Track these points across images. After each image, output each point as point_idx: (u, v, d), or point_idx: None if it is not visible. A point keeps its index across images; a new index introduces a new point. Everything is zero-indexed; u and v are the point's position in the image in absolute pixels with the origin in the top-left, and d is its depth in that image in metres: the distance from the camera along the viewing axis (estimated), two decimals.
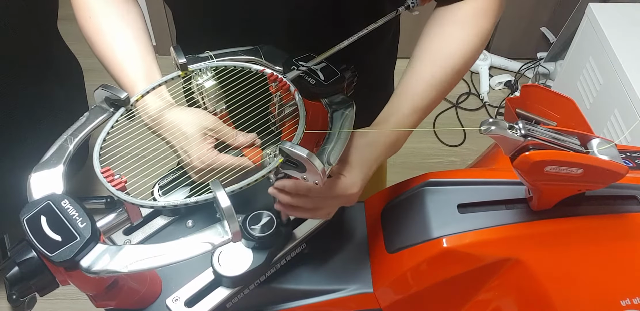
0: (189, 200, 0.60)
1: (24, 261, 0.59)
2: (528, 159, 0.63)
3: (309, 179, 0.62)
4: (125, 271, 0.57)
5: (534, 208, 0.75)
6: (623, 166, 0.66)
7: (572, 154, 0.64)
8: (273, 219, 0.73)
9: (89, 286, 0.66)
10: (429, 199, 0.78)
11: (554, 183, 0.68)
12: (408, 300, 0.78)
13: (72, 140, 0.67)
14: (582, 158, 0.64)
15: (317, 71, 0.72)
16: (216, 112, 0.74)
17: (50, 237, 0.58)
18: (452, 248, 0.72)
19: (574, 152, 0.65)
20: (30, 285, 0.60)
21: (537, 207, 0.74)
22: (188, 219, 0.83)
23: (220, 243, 0.59)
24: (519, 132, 0.63)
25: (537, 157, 0.63)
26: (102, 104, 0.70)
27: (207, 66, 0.73)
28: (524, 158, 0.63)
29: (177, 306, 0.73)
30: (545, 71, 2.33)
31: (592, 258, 0.76)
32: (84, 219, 0.59)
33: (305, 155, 0.59)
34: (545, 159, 0.63)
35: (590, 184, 0.69)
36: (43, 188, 0.62)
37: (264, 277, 0.78)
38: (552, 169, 0.64)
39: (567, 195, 0.73)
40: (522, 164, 0.64)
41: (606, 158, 0.65)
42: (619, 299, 0.76)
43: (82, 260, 0.57)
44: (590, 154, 0.66)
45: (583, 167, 0.64)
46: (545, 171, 0.64)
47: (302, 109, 0.68)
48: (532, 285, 0.75)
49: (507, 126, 0.63)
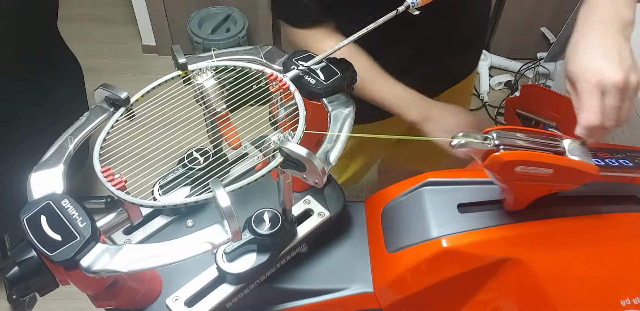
0: (188, 200, 0.60)
1: (24, 261, 0.59)
2: (498, 159, 0.63)
3: (308, 179, 0.62)
4: (125, 270, 0.57)
5: (507, 208, 0.75)
6: (593, 167, 0.66)
7: (541, 155, 0.64)
8: (278, 216, 0.73)
9: (89, 286, 0.66)
10: (429, 199, 0.78)
11: (525, 183, 0.68)
12: (408, 299, 0.78)
13: (72, 140, 0.67)
14: (551, 158, 0.65)
15: (317, 71, 0.72)
16: (216, 111, 0.74)
17: (50, 237, 0.58)
18: (452, 248, 0.73)
19: (545, 153, 0.65)
20: (30, 285, 0.60)
21: (511, 207, 0.74)
22: (188, 219, 0.83)
23: (221, 243, 0.59)
24: (493, 143, 0.64)
25: (507, 157, 0.63)
26: (102, 104, 0.70)
27: (207, 66, 0.73)
28: (494, 158, 0.64)
29: (177, 305, 0.73)
30: (545, 71, 2.33)
31: (592, 258, 0.76)
32: (84, 219, 0.59)
33: (305, 155, 0.59)
34: (515, 159, 0.63)
35: (561, 184, 0.69)
36: (43, 188, 0.62)
37: (264, 276, 0.78)
38: (523, 170, 0.65)
39: (539, 195, 0.73)
40: (493, 165, 0.64)
41: (576, 158, 0.66)
42: (619, 299, 0.76)
43: (82, 259, 0.57)
44: (566, 155, 0.66)
45: (553, 167, 0.65)
46: (516, 172, 0.65)
47: (302, 108, 0.68)
48: (532, 285, 0.75)
49: (477, 137, 0.64)
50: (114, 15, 2.66)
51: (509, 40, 2.46)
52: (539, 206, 0.77)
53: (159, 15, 2.35)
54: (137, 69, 2.47)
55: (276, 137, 0.63)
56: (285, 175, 0.67)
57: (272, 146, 0.62)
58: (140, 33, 2.47)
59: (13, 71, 1.28)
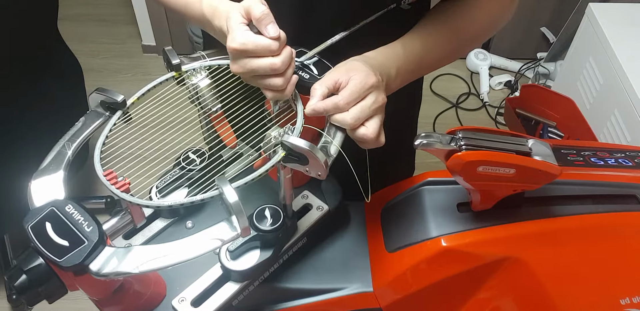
0: (195, 198, 0.60)
1: (32, 269, 0.58)
2: (460, 159, 0.64)
3: (311, 172, 0.63)
4: (136, 272, 0.57)
5: (474, 209, 0.75)
6: (554, 167, 0.66)
7: (502, 155, 0.65)
8: (279, 212, 0.73)
9: (97, 290, 0.66)
10: (429, 199, 0.78)
11: (488, 183, 0.68)
12: (408, 299, 0.78)
13: (69, 145, 0.67)
14: (513, 158, 0.65)
15: (310, 66, 0.72)
16: (212, 110, 0.74)
17: (57, 243, 0.57)
18: (452, 247, 0.73)
19: (507, 153, 0.65)
20: (39, 292, 0.60)
21: (478, 208, 0.75)
22: (187, 221, 0.83)
23: (230, 239, 0.59)
24: (457, 143, 0.64)
25: (468, 157, 0.64)
26: (97, 109, 0.70)
27: (200, 66, 0.73)
28: (456, 158, 0.64)
29: (183, 306, 0.73)
30: (545, 71, 2.33)
31: (592, 257, 0.76)
32: (90, 223, 0.59)
33: (307, 147, 0.59)
34: (477, 159, 0.64)
35: (524, 184, 0.69)
36: (44, 195, 0.62)
37: (268, 273, 0.78)
38: (485, 170, 0.65)
39: (504, 195, 0.73)
40: (455, 165, 0.65)
41: (539, 158, 0.66)
42: (618, 298, 0.76)
43: (91, 263, 0.57)
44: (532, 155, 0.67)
45: (515, 167, 0.65)
46: (479, 172, 0.65)
47: (300, 103, 0.68)
48: (532, 284, 0.75)
49: (440, 138, 0.64)
50: (114, 15, 2.66)
51: (509, 40, 2.46)
52: (538, 205, 0.77)
53: (159, 15, 2.35)
54: (137, 69, 2.47)
55: (276, 133, 0.63)
56: (285, 170, 0.67)
57: (272, 142, 0.63)
58: (140, 33, 2.47)
59: (13, 71, 1.28)
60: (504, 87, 2.42)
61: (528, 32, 2.42)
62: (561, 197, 0.78)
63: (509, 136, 0.68)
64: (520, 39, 2.45)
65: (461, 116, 2.33)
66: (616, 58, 1.62)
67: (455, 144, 0.65)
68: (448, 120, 2.31)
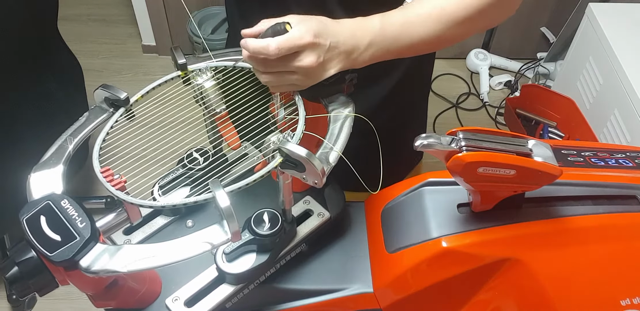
0: (188, 200, 0.60)
1: (24, 261, 0.59)
2: (460, 160, 0.64)
3: (308, 180, 0.62)
4: (124, 270, 0.58)
5: (474, 209, 0.75)
6: (555, 168, 0.66)
7: (503, 156, 0.65)
8: (277, 216, 0.73)
9: (89, 286, 0.66)
10: (429, 199, 0.78)
11: (488, 184, 0.68)
12: (408, 300, 0.78)
13: (71, 140, 0.67)
14: (513, 159, 0.65)
15: None
16: (216, 112, 0.74)
17: (49, 237, 0.58)
18: (452, 248, 0.73)
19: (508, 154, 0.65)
20: (29, 285, 0.60)
21: (478, 208, 0.74)
22: (188, 219, 0.83)
23: (220, 243, 0.59)
24: (458, 144, 0.64)
25: (469, 158, 0.63)
26: (101, 104, 0.70)
27: (206, 66, 0.73)
28: (456, 159, 0.64)
29: (176, 306, 0.73)
30: (545, 71, 2.33)
31: (592, 258, 0.76)
32: (83, 219, 0.59)
33: (304, 155, 0.59)
34: (477, 160, 0.64)
35: (525, 185, 0.69)
36: (43, 188, 0.62)
37: (264, 277, 0.78)
38: (485, 171, 0.65)
39: (505, 196, 0.73)
40: (455, 166, 0.65)
41: (539, 159, 0.66)
42: (619, 299, 0.76)
43: (81, 259, 0.58)
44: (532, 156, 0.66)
45: (515, 168, 0.65)
46: (479, 173, 0.65)
47: (302, 109, 0.68)
48: (532, 284, 0.75)
49: (440, 140, 0.64)
50: (114, 15, 2.66)
51: (509, 40, 2.46)
52: (538, 206, 0.77)
53: (159, 15, 2.35)
54: (137, 69, 2.47)
55: (276, 138, 0.63)
56: (284, 175, 0.67)
57: (271, 147, 0.62)
58: (140, 33, 2.46)
59: (13, 71, 1.28)
60: (504, 87, 2.42)
61: (528, 32, 2.42)
62: (562, 198, 0.78)
63: (510, 137, 0.67)
64: (520, 39, 2.45)
65: (461, 116, 2.33)
66: (616, 58, 1.61)
67: (456, 145, 0.65)
68: (448, 120, 2.31)
